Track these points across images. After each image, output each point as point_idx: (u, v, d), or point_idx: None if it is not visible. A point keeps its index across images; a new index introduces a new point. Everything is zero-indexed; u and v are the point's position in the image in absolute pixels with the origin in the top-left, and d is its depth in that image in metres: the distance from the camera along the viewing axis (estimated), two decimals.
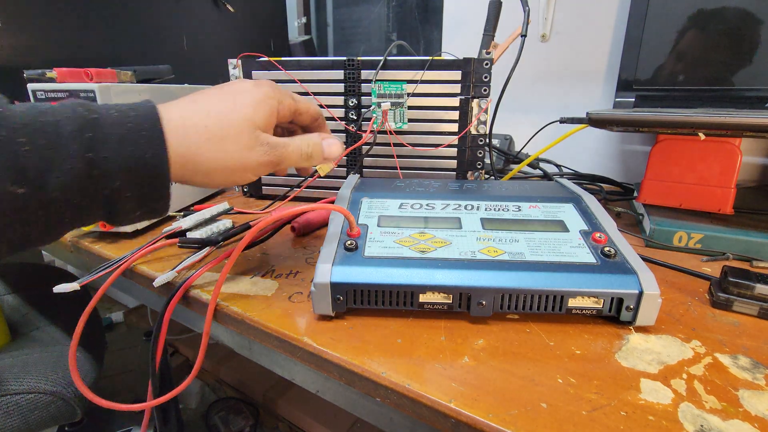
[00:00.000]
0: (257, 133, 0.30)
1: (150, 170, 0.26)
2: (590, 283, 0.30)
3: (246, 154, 0.30)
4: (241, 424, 1.01)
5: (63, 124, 0.24)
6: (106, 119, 0.25)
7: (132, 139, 0.25)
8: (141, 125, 0.26)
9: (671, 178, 0.47)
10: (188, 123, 0.28)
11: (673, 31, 0.62)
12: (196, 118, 0.28)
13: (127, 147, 0.25)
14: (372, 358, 0.28)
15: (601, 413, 0.23)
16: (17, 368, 0.57)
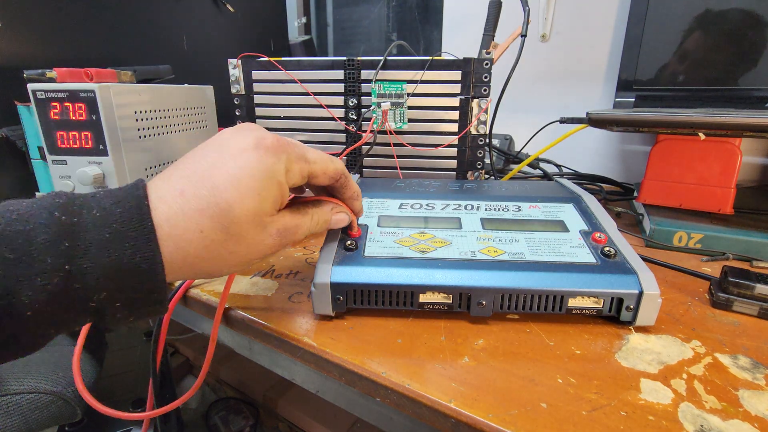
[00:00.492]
0: (265, 221, 0.26)
1: (140, 275, 0.22)
2: (590, 283, 0.30)
3: (254, 249, 0.26)
4: (241, 424, 1.01)
5: (35, 234, 0.21)
6: (87, 222, 0.22)
7: (117, 242, 0.22)
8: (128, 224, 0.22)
9: (671, 178, 0.47)
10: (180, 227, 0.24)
11: (673, 31, 0.62)
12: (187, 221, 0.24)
13: (112, 252, 0.22)
14: (372, 358, 0.28)
15: (601, 413, 0.23)
16: (17, 368, 0.57)
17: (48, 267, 0.21)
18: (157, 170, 0.50)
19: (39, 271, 0.20)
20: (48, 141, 0.44)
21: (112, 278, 0.22)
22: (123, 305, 0.23)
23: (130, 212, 0.23)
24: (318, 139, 0.56)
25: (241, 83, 0.55)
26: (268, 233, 0.26)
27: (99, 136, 0.43)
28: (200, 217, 0.24)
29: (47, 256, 0.21)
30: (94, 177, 0.43)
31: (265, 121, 0.57)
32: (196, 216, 0.24)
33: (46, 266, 0.21)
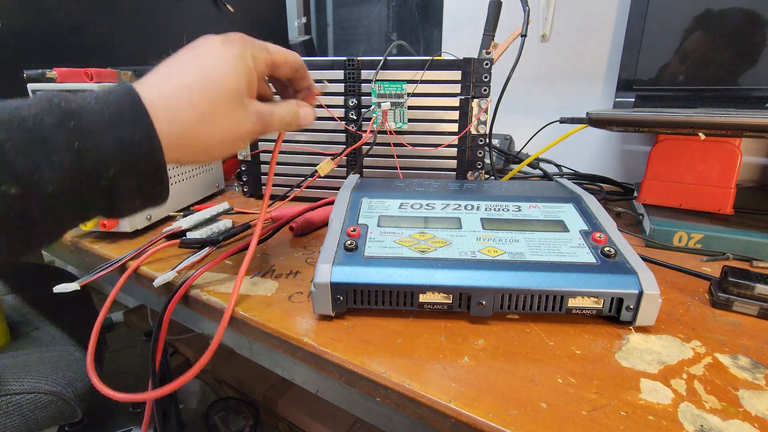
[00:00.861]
0: (245, 101, 0.29)
1: (143, 153, 0.25)
2: (590, 283, 0.30)
3: (239, 125, 0.29)
4: (241, 424, 1.01)
5: (41, 116, 0.22)
6: (85, 107, 0.24)
7: (117, 124, 0.24)
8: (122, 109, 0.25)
9: (671, 178, 0.47)
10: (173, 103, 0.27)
11: (673, 31, 0.62)
12: (179, 97, 0.27)
13: (115, 132, 0.24)
14: (372, 358, 0.28)
15: (601, 413, 0.23)
16: (17, 368, 0.57)
17: (61, 145, 0.22)
18: None
19: (53, 148, 0.22)
20: None
21: (118, 155, 0.24)
22: (129, 184, 0.25)
23: (122, 98, 0.25)
24: (318, 139, 0.56)
25: None
26: (248, 112, 0.30)
27: None
28: (190, 92, 0.27)
29: (58, 134, 0.22)
30: None
31: None
32: (186, 91, 0.27)
33: (58, 144, 0.22)
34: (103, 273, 0.39)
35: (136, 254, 0.42)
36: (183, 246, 0.44)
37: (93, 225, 0.45)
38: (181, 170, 0.55)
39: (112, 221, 0.45)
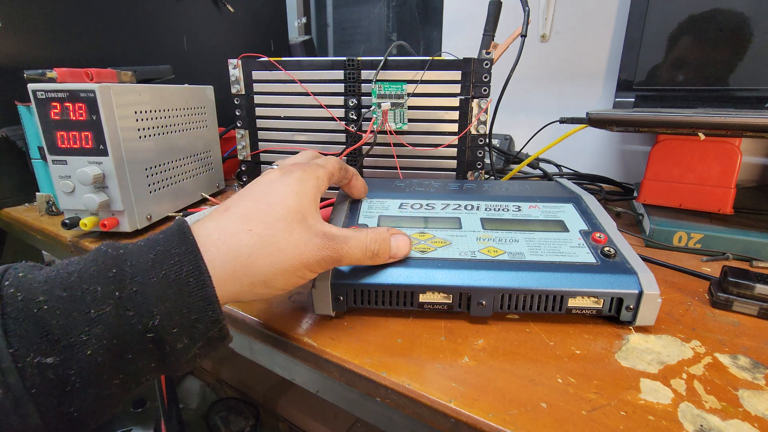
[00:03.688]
0: (308, 223, 0.27)
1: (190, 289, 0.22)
2: (590, 283, 0.30)
3: (302, 250, 0.26)
4: (242, 424, 1.01)
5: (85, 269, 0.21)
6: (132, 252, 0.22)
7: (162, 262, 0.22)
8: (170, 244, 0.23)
9: (671, 178, 0.47)
10: (227, 232, 0.25)
11: (673, 31, 0.62)
12: (235, 224, 0.25)
13: (158, 272, 0.22)
14: (372, 358, 0.28)
15: (600, 413, 0.23)
16: None
17: (99, 296, 0.20)
18: (157, 170, 0.50)
19: (91, 301, 0.20)
20: (48, 141, 0.44)
21: (163, 299, 0.21)
22: (181, 332, 0.22)
23: (171, 234, 0.24)
24: (318, 139, 0.56)
25: (241, 83, 0.55)
26: (314, 234, 0.27)
27: (99, 136, 0.43)
28: (246, 219, 0.25)
29: (97, 285, 0.21)
30: (94, 177, 0.43)
31: (265, 121, 0.57)
32: (242, 219, 0.25)
33: (96, 295, 0.20)
34: None
35: None
36: None
37: (93, 225, 0.45)
38: (180, 170, 0.55)
39: (112, 220, 0.45)
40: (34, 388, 0.19)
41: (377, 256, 0.30)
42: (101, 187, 0.45)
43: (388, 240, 0.30)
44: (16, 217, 0.56)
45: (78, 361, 0.20)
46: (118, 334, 0.20)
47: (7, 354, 0.18)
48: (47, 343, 0.19)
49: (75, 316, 0.20)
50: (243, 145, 0.58)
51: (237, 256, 0.24)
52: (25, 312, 0.19)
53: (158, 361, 0.22)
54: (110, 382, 0.21)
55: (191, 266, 0.22)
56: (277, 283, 0.26)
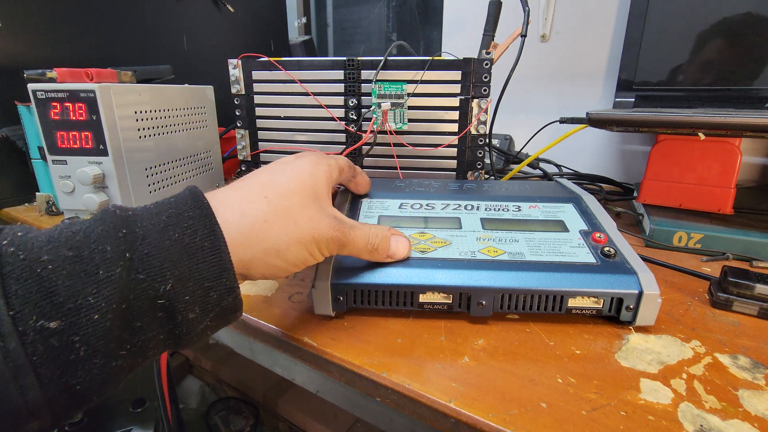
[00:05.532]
0: (321, 203, 0.27)
1: (205, 255, 0.21)
2: (590, 283, 0.30)
3: (315, 225, 0.26)
4: (241, 424, 1.01)
5: (92, 229, 0.20)
6: (142, 214, 0.21)
7: (174, 225, 0.21)
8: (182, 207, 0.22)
9: (671, 178, 0.47)
10: (243, 198, 0.24)
11: (673, 31, 0.62)
12: (250, 192, 0.25)
13: (171, 234, 0.21)
14: (372, 358, 0.28)
15: (600, 413, 0.23)
16: None
17: (108, 256, 0.19)
18: (157, 170, 0.50)
19: (99, 261, 0.19)
20: (48, 141, 0.44)
21: (176, 263, 0.20)
22: (193, 300, 0.21)
23: (183, 198, 0.23)
24: (318, 139, 0.56)
25: (241, 83, 0.55)
26: (326, 214, 0.27)
27: (99, 136, 0.43)
28: (263, 189, 0.25)
29: (106, 245, 0.19)
30: (94, 177, 0.43)
31: (265, 121, 0.57)
32: (258, 187, 0.26)
33: (105, 255, 0.19)
34: None
35: None
36: None
37: None
38: (180, 170, 0.55)
39: None
40: (35, 355, 0.17)
41: (376, 251, 0.30)
42: (101, 187, 0.45)
43: (388, 238, 0.31)
44: (16, 217, 0.56)
45: (84, 326, 0.18)
46: (127, 298, 0.19)
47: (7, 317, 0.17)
48: (51, 305, 0.18)
49: (82, 276, 0.18)
50: (243, 145, 0.58)
51: (253, 221, 0.24)
52: (27, 272, 0.18)
53: (168, 333, 0.21)
54: (117, 353, 0.19)
55: (206, 230, 0.22)
56: (289, 254, 0.25)
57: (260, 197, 0.25)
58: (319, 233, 0.26)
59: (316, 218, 0.26)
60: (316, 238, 0.26)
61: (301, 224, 0.25)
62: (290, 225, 0.25)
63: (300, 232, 0.25)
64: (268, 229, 0.24)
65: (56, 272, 0.18)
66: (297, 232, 0.25)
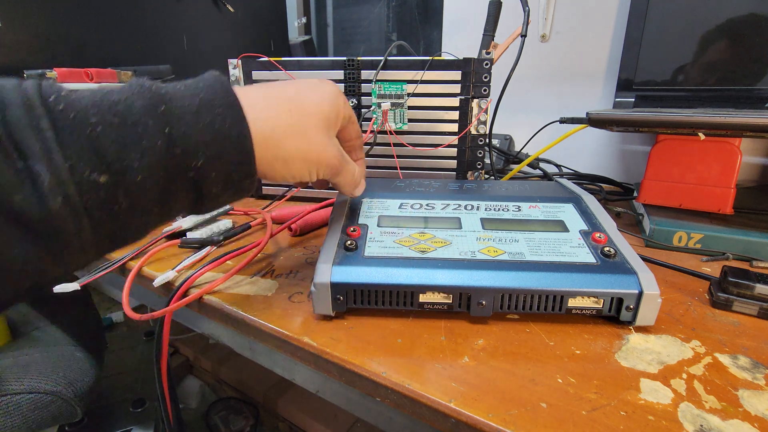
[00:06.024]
0: (331, 132, 0.30)
1: (232, 141, 0.24)
2: (590, 283, 0.30)
3: (323, 148, 0.29)
4: (241, 424, 1.01)
5: (132, 101, 0.22)
6: (175, 93, 0.23)
7: (207, 110, 0.23)
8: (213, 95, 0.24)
9: (671, 178, 0.47)
10: (271, 103, 0.27)
11: (673, 31, 0.62)
12: (278, 103, 0.27)
13: (204, 118, 0.23)
14: (372, 358, 0.28)
15: (600, 413, 0.23)
16: (17, 368, 0.57)
17: (150, 129, 0.21)
18: None
19: (142, 132, 0.21)
20: None
21: (207, 144, 0.23)
22: (217, 178, 0.24)
23: (213, 85, 0.25)
24: None
25: (242, 83, 0.55)
26: (333, 143, 0.30)
27: None
28: (289, 102, 0.28)
29: (148, 119, 0.22)
30: None
31: None
32: (283, 99, 0.28)
33: (148, 128, 0.21)
34: (103, 273, 0.39)
35: (136, 254, 0.42)
36: (183, 246, 0.44)
37: None
38: None
39: None
40: (88, 202, 0.20)
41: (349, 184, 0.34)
42: None
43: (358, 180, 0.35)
44: None
45: (128, 185, 0.21)
46: (165, 167, 0.22)
47: (65, 167, 0.19)
48: (100, 163, 0.20)
49: (128, 143, 0.21)
50: None
51: (273, 129, 0.26)
52: (79, 131, 0.20)
53: (192, 201, 0.25)
54: (151, 210, 0.23)
55: (233, 120, 0.24)
56: (293, 166, 0.28)
57: (284, 109, 0.27)
58: (323, 156, 0.29)
59: (324, 143, 0.29)
60: (319, 160, 0.29)
61: (311, 144, 0.28)
62: (302, 142, 0.28)
63: (309, 151, 0.28)
64: (283, 140, 0.27)
65: (104, 135, 0.20)
66: (306, 150, 0.28)
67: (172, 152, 0.22)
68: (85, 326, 0.73)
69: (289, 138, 0.27)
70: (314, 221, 0.49)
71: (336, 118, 0.31)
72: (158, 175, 0.22)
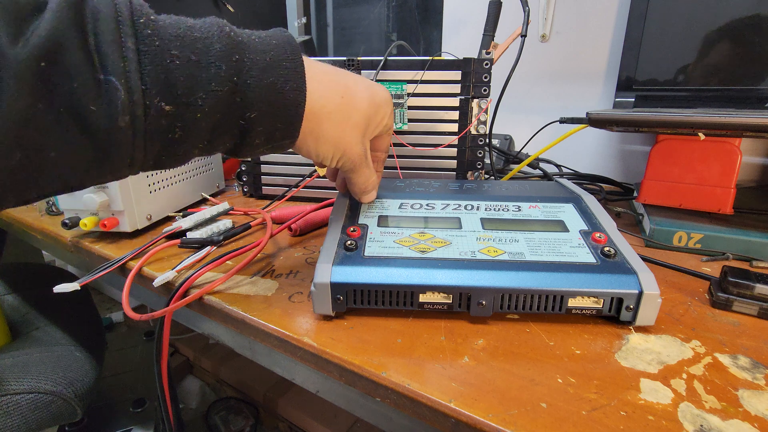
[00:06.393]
0: (366, 132, 0.32)
1: (288, 103, 0.25)
2: (590, 283, 0.30)
3: (352, 144, 0.31)
4: (241, 424, 1.01)
5: (211, 42, 0.23)
6: (249, 44, 0.24)
7: (274, 69, 0.25)
8: (282, 54, 0.25)
9: (671, 178, 0.47)
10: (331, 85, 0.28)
11: (673, 31, 0.62)
12: (337, 86, 0.29)
13: (269, 76, 0.24)
14: (372, 358, 0.28)
15: (600, 413, 0.23)
16: (17, 368, 0.57)
17: (222, 74, 0.23)
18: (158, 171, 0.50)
19: (214, 76, 0.23)
20: None
21: (265, 100, 0.25)
22: (263, 131, 0.26)
23: (284, 46, 0.26)
24: None
25: None
26: (362, 143, 0.32)
27: None
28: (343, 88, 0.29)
29: (222, 63, 0.23)
30: None
31: None
32: (341, 86, 0.29)
33: (220, 73, 0.23)
34: (103, 273, 0.39)
35: (136, 254, 0.42)
36: (183, 246, 0.44)
37: (93, 225, 0.45)
38: (180, 170, 0.55)
39: (112, 220, 0.45)
40: (150, 126, 0.21)
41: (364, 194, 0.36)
42: (101, 187, 0.45)
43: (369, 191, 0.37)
44: (16, 217, 0.56)
45: (187, 118, 0.22)
46: (223, 111, 0.23)
47: (140, 89, 0.21)
48: (170, 93, 0.21)
49: (199, 82, 0.22)
50: None
51: (322, 107, 0.28)
52: (159, 59, 0.21)
53: (234, 145, 0.26)
54: (198, 145, 0.24)
55: (294, 85, 0.25)
56: (322, 146, 0.29)
57: (338, 94, 0.29)
58: (348, 149, 0.31)
59: (356, 140, 0.31)
60: (345, 152, 0.31)
61: (344, 135, 0.30)
62: (339, 130, 0.29)
63: (340, 140, 0.30)
64: (326, 121, 0.28)
65: (180, 68, 0.22)
66: (338, 138, 0.29)
67: (233, 99, 0.24)
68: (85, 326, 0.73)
69: (330, 120, 0.28)
70: (314, 221, 0.49)
71: (377, 124, 0.32)
72: (215, 116, 0.23)
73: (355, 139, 0.31)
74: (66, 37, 0.19)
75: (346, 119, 0.29)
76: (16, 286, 0.78)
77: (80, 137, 0.20)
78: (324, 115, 0.28)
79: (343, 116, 0.29)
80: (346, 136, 0.30)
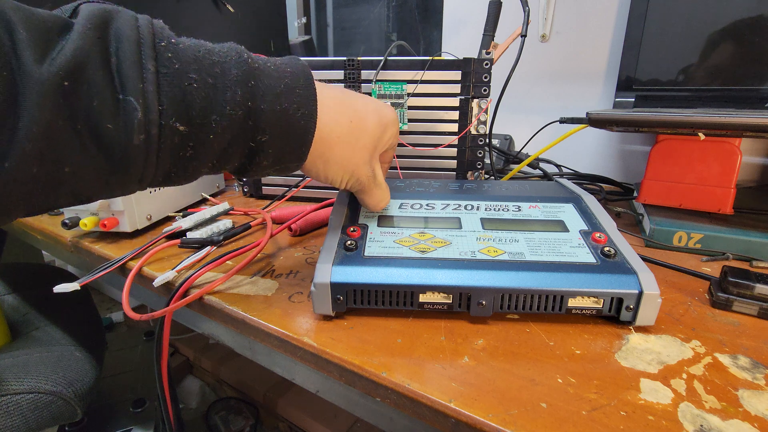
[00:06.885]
0: (373, 154, 0.32)
1: (298, 130, 0.26)
2: (590, 283, 0.30)
3: (360, 167, 0.31)
4: (241, 424, 1.01)
5: (229, 68, 0.24)
6: (265, 71, 0.25)
7: (287, 96, 0.26)
8: (296, 81, 0.26)
9: (671, 178, 0.47)
10: (340, 110, 0.29)
11: (673, 31, 0.62)
12: (347, 111, 0.29)
13: (283, 103, 0.25)
14: (372, 358, 0.28)
15: (600, 413, 0.23)
16: (17, 368, 0.57)
17: (237, 99, 0.24)
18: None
19: (229, 100, 0.23)
20: None
21: (277, 125, 0.25)
22: (272, 154, 0.26)
23: (298, 74, 0.27)
24: None
25: None
26: (370, 164, 0.32)
27: None
28: (352, 113, 0.30)
29: (237, 89, 0.24)
30: None
31: None
32: (351, 111, 0.30)
33: (236, 97, 0.24)
34: (103, 273, 0.39)
35: (136, 254, 0.42)
36: (183, 246, 0.44)
37: (93, 225, 0.45)
38: None
39: (112, 220, 0.45)
40: (163, 145, 0.22)
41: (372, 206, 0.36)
42: None
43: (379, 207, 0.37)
44: None
45: (200, 139, 0.23)
46: (235, 133, 0.24)
47: (157, 109, 0.21)
48: (185, 115, 0.22)
49: (214, 104, 0.23)
50: None
51: (331, 132, 0.29)
52: (177, 81, 0.22)
53: (242, 165, 0.27)
54: (207, 163, 0.25)
55: (306, 112, 0.26)
56: (331, 169, 0.30)
57: (347, 119, 0.29)
58: (357, 173, 0.31)
59: (363, 162, 0.31)
60: (354, 174, 0.31)
61: (353, 158, 0.30)
62: (347, 153, 0.30)
63: (349, 163, 0.30)
64: (334, 145, 0.29)
65: (198, 91, 0.22)
66: (347, 162, 0.30)
67: (246, 123, 0.24)
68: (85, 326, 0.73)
69: (340, 144, 0.29)
70: (314, 221, 0.49)
71: (384, 144, 0.33)
72: (227, 138, 0.24)
73: (363, 160, 0.31)
74: (90, 58, 0.20)
75: (355, 142, 0.30)
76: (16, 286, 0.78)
77: (96, 153, 0.21)
78: (333, 139, 0.29)
79: (352, 139, 0.30)
80: (355, 158, 0.30)
